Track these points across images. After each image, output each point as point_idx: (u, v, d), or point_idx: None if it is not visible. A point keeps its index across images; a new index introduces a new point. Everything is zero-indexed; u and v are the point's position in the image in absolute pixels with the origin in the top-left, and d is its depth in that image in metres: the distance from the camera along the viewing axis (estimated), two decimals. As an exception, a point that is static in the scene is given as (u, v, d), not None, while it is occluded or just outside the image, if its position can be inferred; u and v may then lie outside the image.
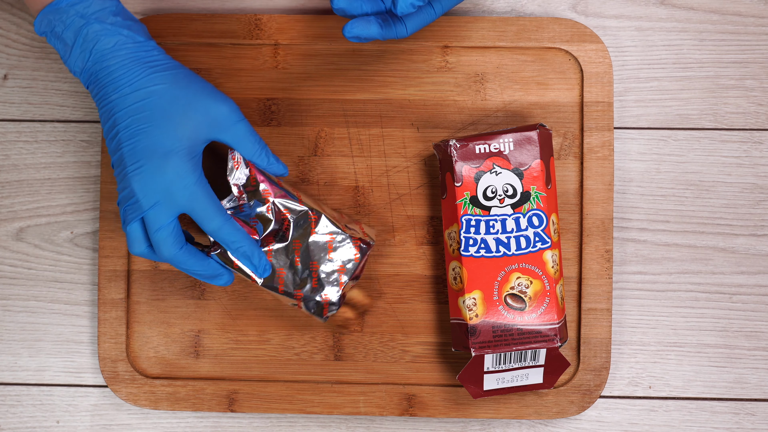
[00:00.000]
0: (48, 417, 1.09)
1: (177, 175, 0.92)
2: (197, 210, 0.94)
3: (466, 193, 0.98)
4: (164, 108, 0.93)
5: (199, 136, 0.94)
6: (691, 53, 1.08)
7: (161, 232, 0.93)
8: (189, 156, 0.93)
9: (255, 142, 0.96)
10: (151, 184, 0.92)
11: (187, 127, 0.93)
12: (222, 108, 0.95)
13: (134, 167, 0.93)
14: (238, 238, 0.95)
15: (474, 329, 0.99)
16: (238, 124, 0.95)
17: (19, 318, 1.09)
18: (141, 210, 0.93)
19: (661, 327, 1.07)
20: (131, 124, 0.93)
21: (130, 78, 0.93)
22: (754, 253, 1.07)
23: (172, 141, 0.93)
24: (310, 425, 1.08)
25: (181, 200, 0.93)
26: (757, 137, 1.07)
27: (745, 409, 1.07)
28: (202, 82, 0.96)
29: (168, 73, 0.94)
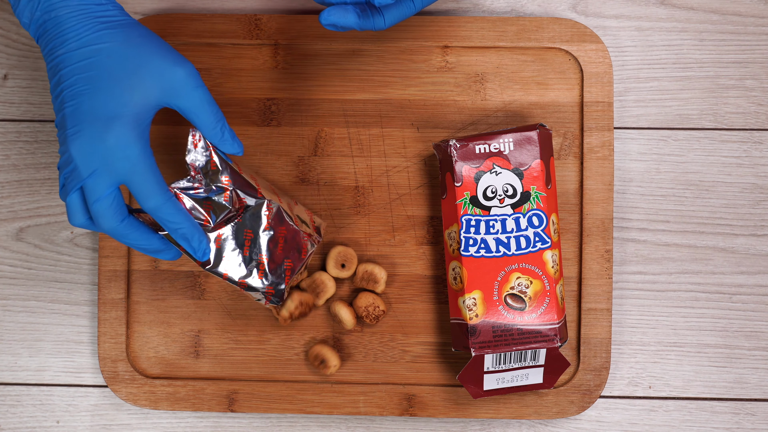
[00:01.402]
0: (48, 417, 1.09)
1: (118, 144, 0.86)
2: (136, 184, 0.87)
3: (466, 193, 0.98)
4: (111, 68, 0.87)
5: (148, 101, 0.88)
6: (691, 53, 1.08)
7: (100, 203, 0.87)
8: (134, 123, 0.87)
9: (211, 113, 0.90)
10: (91, 150, 0.86)
11: (135, 91, 0.87)
12: (177, 71, 0.89)
13: (74, 130, 0.86)
14: (177, 219, 0.90)
15: (474, 329, 0.99)
16: (194, 91, 0.89)
17: (19, 318, 1.09)
18: (80, 178, 0.87)
19: (661, 327, 1.07)
20: (76, 83, 0.87)
21: (78, 32, 0.87)
22: (754, 253, 1.07)
23: (117, 105, 0.86)
24: (310, 425, 1.08)
25: (121, 171, 0.87)
26: (757, 137, 1.07)
27: (745, 409, 1.07)
28: (158, 41, 0.90)
29: (120, 30, 0.88)
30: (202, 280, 1.07)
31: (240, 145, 0.93)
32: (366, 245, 1.06)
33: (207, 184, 0.94)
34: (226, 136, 0.92)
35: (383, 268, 1.05)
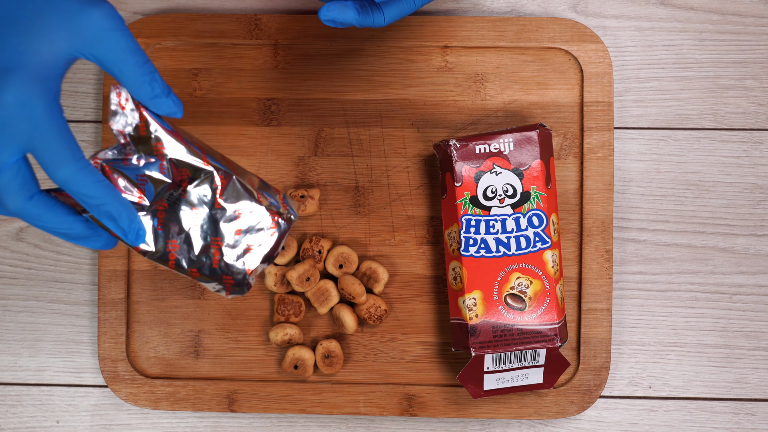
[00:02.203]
0: (48, 417, 1.09)
1: (17, 101, 0.70)
2: (42, 149, 0.71)
3: (466, 193, 0.98)
4: (9, 10, 0.71)
5: (55, 50, 0.71)
6: (691, 53, 1.08)
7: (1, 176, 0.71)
8: (37, 76, 0.70)
9: (136, 64, 0.73)
10: None
11: (37, 36, 0.70)
12: (92, 12, 0.72)
13: None
14: (96, 192, 0.73)
15: (474, 329, 0.99)
16: (113, 36, 0.72)
17: (19, 318, 1.09)
18: None
19: (661, 327, 1.07)
20: None
21: None
22: (754, 253, 1.07)
23: (14, 54, 0.70)
24: (310, 425, 1.08)
25: (22, 135, 0.70)
26: (757, 137, 1.07)
27: (745, 409, 1.07)
28: None
29: None
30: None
31: (178, 103, 0.77)
32: (366, 245, 1.06)
33: (137, 154, 0.77)
34: (157, 90, 0.75)
35: (386, 269, 1.05)
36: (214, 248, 0.81)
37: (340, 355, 1.04)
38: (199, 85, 1.07)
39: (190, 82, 1.07)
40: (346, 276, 1.03)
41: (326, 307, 1.03)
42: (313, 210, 1.04)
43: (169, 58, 1.07)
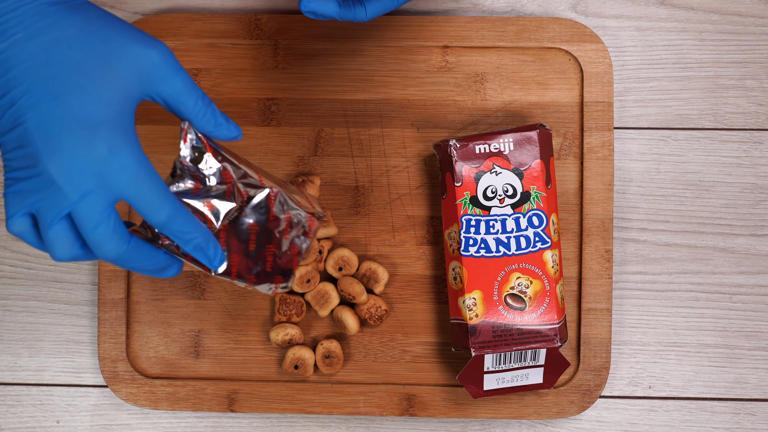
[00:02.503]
0: (48, 417, 1.09)
1: (111, 153, 0.72)
2: (140, 197, 0.74)
3: (466, 193, 0.98)
4: (78, 61, 0.71)
5: (129, 94, 0.73)
6: (691, 53, 1.08)
7: (101, 229, 0.73)
8: (122, 125, 0.72)
9: (198, 98, 0.78)
10: (79, 166, 0.71)
11: (113, 84, 0.72)
12: (153, 55, 0.75)
13: (49, 146, 0.71)
14: (191, 228, 0.77)
15: (474, 329, 0.99)
16: (176, 75, 0.76)
17: (19, 318, 1.09)
18: (67, 203, 0.72)
19: (661, 327, 1.07)
20: (34, 86, 0.71)
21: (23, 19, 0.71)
22: (754, 253, 1.07)
23: (98, 106, 0.72)
24: (310, 425, 1.08)
25: (120, 186, 0.73)
26: (757, 137, 1.07)
27: (745, 409, 1.07)
28: (121, 22, 0.75)
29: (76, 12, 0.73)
30: (202, 280, 1.07)
31: (237, 127, 0.81)
32: (366, 245, 1.06)
33: (204, 182, 0.82)
34: (220, 120, 0.80)
35: (386, 269, 1.05)
36: (268, 255, 0.87)
37: (341, 355, 1.04)
38: (199, 85, 1.07)
39: (190, 82, 1.07)
40: (345, 277, 1.04)
41: (327, 309, 1.03)
42: (314, 194, 1.04)
43: (169, 58, 1.07)
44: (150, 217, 0.75)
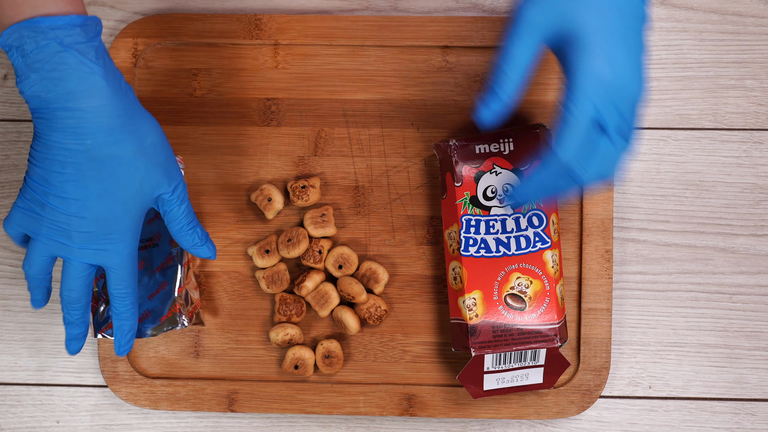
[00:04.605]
0: (48, 417, 1.09)
1: (117, 244, 0.91)
2: (115, 273, 0.93)
3: (466, 193, 0.98)
4: (120, 177, 0.89)
5: (145, 208, 0.93)
6: (691, 53, 1.08)
7: (81, 279, 0.92)
8: (135, 227, 0.92)
9: (188, 223, 0.96)
10: (91, 241, 0.90)
11: (138, 199, 0.91)
12: (173, 186, 0.93)
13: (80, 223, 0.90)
14: (129, 315, 0.95)
15: (474, 329, 0.99)
16: (181, 205, 0.95)
17: (19, 318, 1.09)
18: (70, 252, 0.91)
19: (661, 327, 1.07)
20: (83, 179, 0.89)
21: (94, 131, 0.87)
22: (754, 253, 1.07)
23: (122, 212, 0.91)
24: (310, 425, 1.08)
25: (108, 261, 0.92)
26: (757, 137, 1.07)
27: (745, 409, 1.07)
28: (165, 150, 0.93)
29: (135, 136, 0.89)
30: (202, 280, 1.07)
31: (214, 250, 0.98)
32: (366, 245, 1.06)
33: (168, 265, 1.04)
34: (196, 240, 0.97)
35: (386, 269, 1.04)
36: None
37: (340, 356, 1.04)
38: (199, 85, 1.07)
39: (190, 82, 1.07)
40: (345, 277, 1.04)
41: (327, 309, 1.03)
42: (316, 198, 1.04)
43: (169, 58, 1.07)
44: (111, 287, 0.93)
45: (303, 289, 1.03)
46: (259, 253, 1.05)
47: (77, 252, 0.91)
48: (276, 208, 1.05)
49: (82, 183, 0.88)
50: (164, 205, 0.94)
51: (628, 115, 0.82)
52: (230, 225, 1.07)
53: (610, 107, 0.81)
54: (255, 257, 1.05)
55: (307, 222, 1.04)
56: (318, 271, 1.04)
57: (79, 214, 0.89)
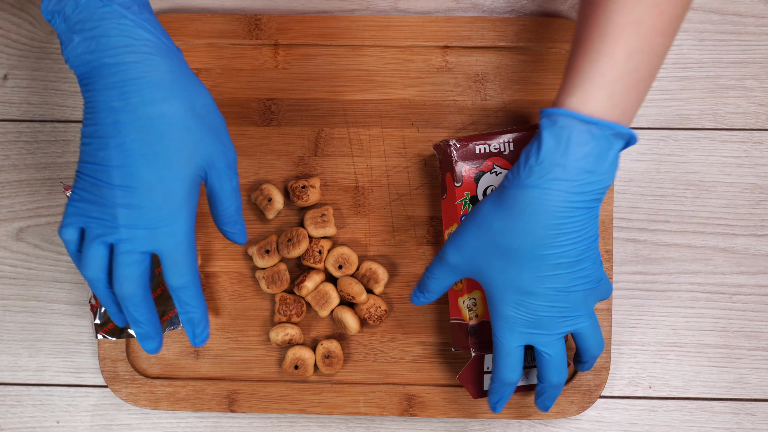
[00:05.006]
0: (48, 417, 1.09)
1: (171, 219, 0.84)
2: (172, 260, 0.85)
3: (466, 194, 0.98)
4: (172, 138, 0.83)
5: (198, 177, 0.86)
6: (691, 53, 1.08)
7: (133, 267, 0.84)
8: (188, 199, 0.85)
9: (233, 202, 0.90)
10: (141, 217, 0.83)
11: (191, 165, 0.84)
12: (228, 156, 0.87)
13: (126, 192, 0.83)
14: (195, 303, 0.88)
15: (474, 329, 0.98)
16: (233, 178, 0.89)
17: (19, 318, 1.09)
18: (117, 235, 0.84)
19: (661, 327, 1.07)
20: (130, 143, 0.82)
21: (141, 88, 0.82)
22: (754, 253, 1.07)
23: (174, 179, 0.83)
24: (310, 425, 1.08)
25: (162, 244, 0.84)
26: (757, 137, 1.07)
27: (745, 409, 1.07)
28: (217, 115, 0.87)
29: (186, 94, 0.84)
30: (202, 280, 1.07)
31: (245, 238, 0.93)
32: (366, 245, 1.06)
33: None
34: (238, 227, 0.92)
35: (386, 270, 1.04)
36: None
37: (340, 356, 1.04)
38: (199, 85, 1.07)
39: (190, 82, 1.07)
40: (344, 277, 1.04)
41: (327, 309, 1.03)
42: (317, 198, 1.04)
43: (169, 58, 1.07)
44: (170, 278, 0.86)
45: (303, 289, 1.03)
46: (259, 253, 1.05)
47: (125, 233, 0.83)
48: (276, 208, 1.05)
49: (130, 148, 0.82)
50: (215, 179, 0.87)
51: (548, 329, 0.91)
52: (230, 225, 1.07)
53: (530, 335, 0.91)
54: (255, 257, 1.05)
55: (307, 222, 1.04)
56: (318, 271, 1.04)
57: (126, 183, 0.82)
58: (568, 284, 0.88)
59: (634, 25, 0.84)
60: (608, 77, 0.85)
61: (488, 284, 0.90)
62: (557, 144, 0.84)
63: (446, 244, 0.93)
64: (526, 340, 0.91)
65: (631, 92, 0.85)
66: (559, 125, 0.84)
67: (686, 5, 0.87)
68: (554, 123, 0.84)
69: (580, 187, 0.85)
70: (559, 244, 0.86)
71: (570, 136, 0.83)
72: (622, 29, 0.84)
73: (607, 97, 0.84)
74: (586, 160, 0.84)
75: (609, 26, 0.85)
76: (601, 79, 0.84)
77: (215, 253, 1.06)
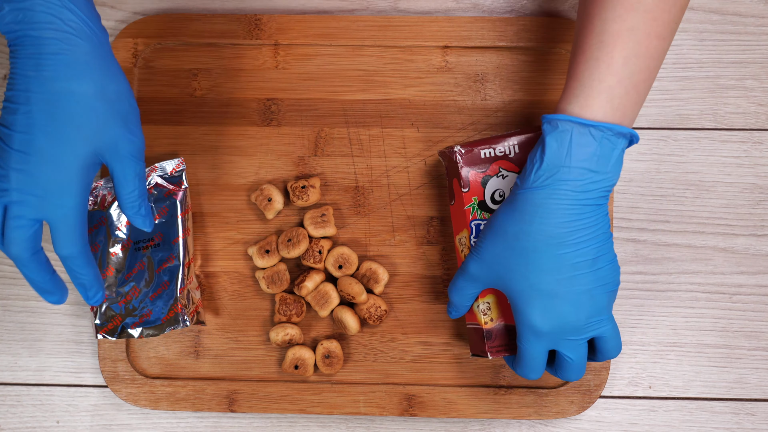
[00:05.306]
0: (48, 417, 1.09)
1: (60, 192, 0.87)
2: (59, 231, 0.88)
3: (474, 198, 0.98)
4: (76, 115, 0.86)
5: (97, 158, 0.88)
6: (691, 53, 1.08)
7: (20, 231, 0.87)
8: (81, 176, 0.87)
9: (138, 188, 0.91)
10: (31, 184, 0.86)
11: (90, 145, 0.87)
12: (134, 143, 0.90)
13: (21, 158, 0.86)
14: (84, 271, 0.91)
15: (489, 333, 0.98)
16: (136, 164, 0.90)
17: (19, 318, 1.09)
18: (8, 198, 0.86)
19: (661, 327, 1.07)
20: (35, 112, 0.85)
21: (56, 63, 0.85)
22: (754, 253, 1.07)
23: (71, 155, 0.86)
24: (310, 425, 1.08)
25: (51, 214, 0.87)
26: (757, 137, 1.07)
27: (745, 409, 1.07)
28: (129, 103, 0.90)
29: (98, 75, 0.87)
30: (202, 280, 1.07)
31: (151, 223, 0.94)
32: (366, 245, 1.06)
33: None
34: (142, 211, 0.93)
35: (386, 270, 1.04)
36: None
37: (340, 356, 1.04)
38: (199, 85, 1.07)
39: (190, 82, 1.07)
40: (344, 277, 1.04)
41: (327, 309, 1.03)
42: (316, 198, 1.04)
43: (169, 58, 1.07)
44: (58, 248, 0.89)
45: (303, 289, 1.03)
46: (259, 253, 1.05)
47: (16, 196, 0.86)
48: (276, 208, 1.05)
49: (34, 117, 0.85)
50: (117, 164, 0.89)
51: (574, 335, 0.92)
52: (230, 225, 1.07)
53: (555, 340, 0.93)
54: (255, 257, 1.05)
55: (307, 222, 1.04)
56: (318, 271, 1.04)
57: (23, 149, 0.85)
58: (590, 285, 0.90)
59: (629, 31, 0.88)
60: (606, 83, 0.88)
61: (512, 292, 0.93)
62: (560, 147, 0.88)
63: (467, 255, 0.96)
64: (551, 346, 0.93)
65: (631, 95, 0.89)
66: (560, 129, 0.88)
67: (682, 9, 0.90)
68: (556, 128, 0.88)
69: (585, 186, 0.88)
70: (573, 241, 0.89)
71: (572, 139, 0.87)
72: (617, 36, 0.88)
73: (606, 101, 0.88)
74: (590, 160, 0.88)
75: (605, 34, 0.89)
76: (599, 85, 0.88)
77: (215, 253, 1.06)
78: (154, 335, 1.02)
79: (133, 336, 1.02)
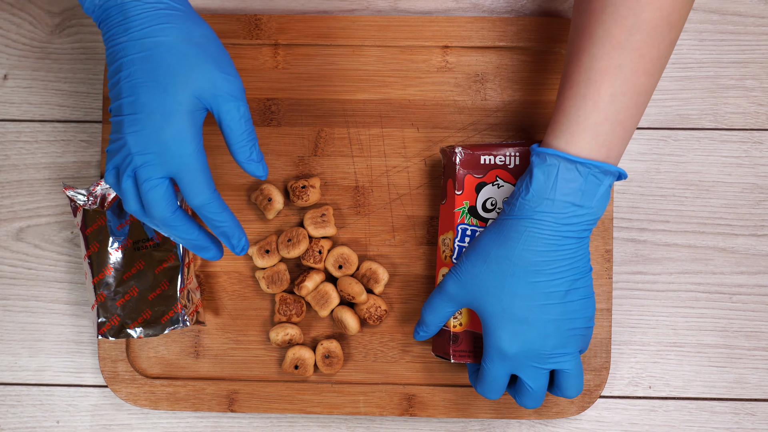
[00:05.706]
0: (48, 417, 1.09)
1: (174, 139, 0.88)
2: (186, 180, 0.89)
3: (466, 203, 0.98)
4: (169, 64, 0.88)
5: (201, 102, 0.89)
6: (691, 53, 1.08)
7: (153, 192, 0.88)
8: (190, 121, 0.88)
9: (246, 131, 0.91)
10: (147, 142, 0.88)
11: (189, 89, 0.88)
12: (229, 81, 0.90)
13: (132, 120, 0.88)
14: (221, 217, 0.91)
15: (456, 337, 0.98)
16: (239, 105, 0.90)
17: (19, 318, 1.09)
18: (133, 166, 0.88)
19: (661, 327, 1.07)
20: (135, 73, 0.88)
21: (141, 22, 0.88)
22: (754, 253, 1.07)
23: (174, 102, 0.87)
24: (310, 425, 1.08)
25: (173, 166, 0.88)
26: (757, 137, 1.07)
27: (745, 409, 1.07)
28: (218, 46, 0.91)
29: (182, 25, 0.89)
30: (202, 280, 1.07)
31: (265, 170, 0.93)
32: (366, 245, 1.06)
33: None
34: (253, 156, 0.92)
35: (386, 270, 1.04)
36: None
37: (340, 356, 1.04)
38: (199, 86, 1.07)
39: (190, 83, 1.07)
40: (344, 277, 1.04)
41: (327, 309, 1.03)
42: (316, 198, 1.04)
43: (168, 59, 1.07)
44: (190, 199, 0.89)
45: (303, 289, 1.03)
46: (259, 253, 1.05)
47: (139, 160, 0.88)
48: (276, 208, 1.05)
49: (134, 78, 0.88)
50: (221, 105, 0.90)
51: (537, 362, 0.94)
52: (230, 225, 1.07)
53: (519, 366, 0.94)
54: (255, 257, 1.05)
55: (307, 222, 1.04)
56: (318, 271, 1.04)
57: (131, 111, 0.88)
58: (559, 316, 0.92)
59: (616, 69, 0.89)
60: (593, 120, 0.90)
61: (484, 313, 0.94)
62: (546, 180, 0.90)
63: (446, 275, 0.97)
64: (514, 370, 0.95)
65: (617, 131, 0.90)
66: (548, 163, 0.91)
67: (671, 45, 0.91)
68: (544, 161, 0.90)
69: (568, 218, 0.90)
70: (550, 271, 0.91)
71: (558, 173, 0.90)
72: (605, 74, 0.90)
73: (592, 138, 0.90)
74: (574, 195, 0.90)
75: (592, 71, 0.90)
76: (585, 122, 0.90)
77: (215, 253, 1.07)
78: (154, 335, 1.02)
79: (132, 336, 1.02)
